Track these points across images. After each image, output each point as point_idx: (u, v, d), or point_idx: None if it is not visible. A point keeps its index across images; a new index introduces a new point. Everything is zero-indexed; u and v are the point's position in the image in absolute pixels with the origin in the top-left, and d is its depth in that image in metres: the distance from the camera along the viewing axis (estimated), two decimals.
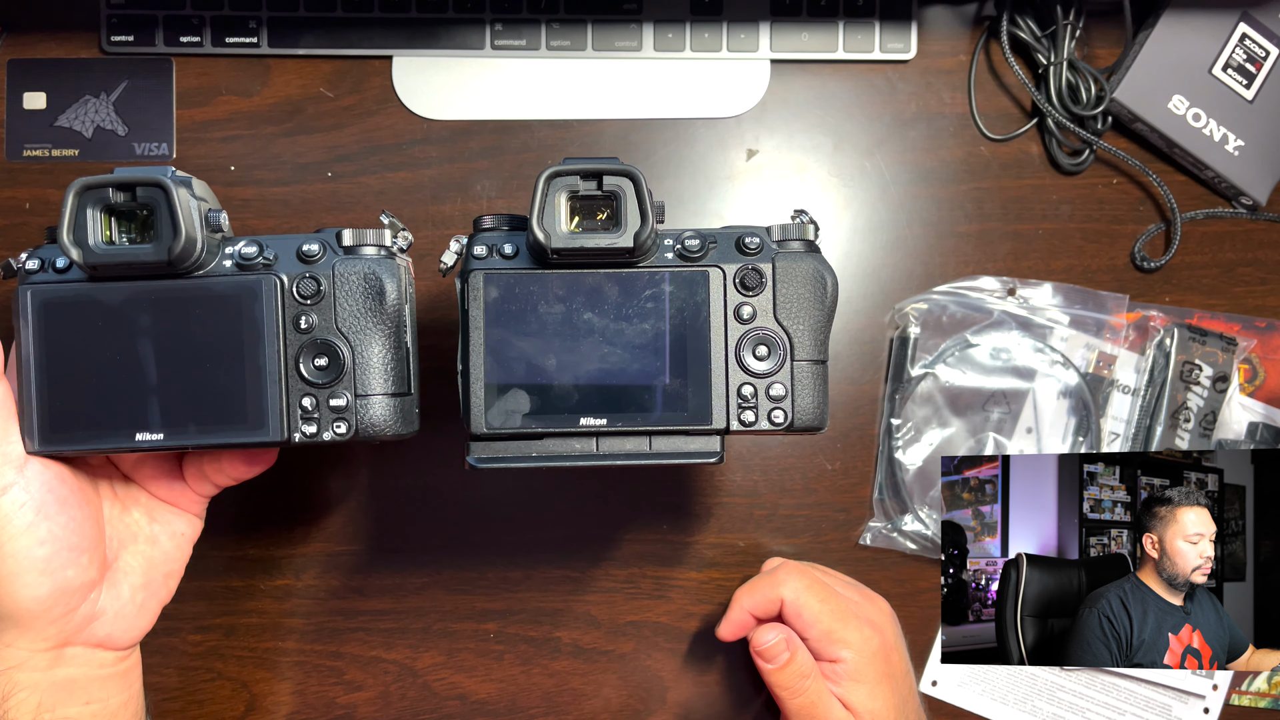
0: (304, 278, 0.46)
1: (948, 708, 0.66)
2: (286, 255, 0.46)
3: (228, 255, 0.46)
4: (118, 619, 0.48)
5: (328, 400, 0.46)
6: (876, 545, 0.65)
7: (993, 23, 0.66)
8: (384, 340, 0.47)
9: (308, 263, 0.46)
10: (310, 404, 0.46)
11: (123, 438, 0.45)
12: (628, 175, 0.45)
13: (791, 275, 0.47)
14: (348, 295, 0.46)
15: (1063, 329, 0.65)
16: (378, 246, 0.47)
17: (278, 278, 0.46)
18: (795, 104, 0.66)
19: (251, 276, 0.46)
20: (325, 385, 0.46)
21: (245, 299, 0.46)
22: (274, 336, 0.46)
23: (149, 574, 0.50)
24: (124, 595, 0.49)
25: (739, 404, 0.47)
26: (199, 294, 0.46)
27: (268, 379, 0.46)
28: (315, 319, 0.46)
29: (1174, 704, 0.66)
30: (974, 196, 0.66)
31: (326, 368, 0.46)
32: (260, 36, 0.64)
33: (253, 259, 0.46)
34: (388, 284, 0.47)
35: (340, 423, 0.47)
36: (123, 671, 0.50)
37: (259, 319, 0.46)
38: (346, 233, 0.47)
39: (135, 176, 0.44)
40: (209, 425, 0.46)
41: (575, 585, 0.65)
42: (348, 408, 0.47)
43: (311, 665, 0.65)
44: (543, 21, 0.65)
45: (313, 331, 0.46)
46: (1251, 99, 0.65)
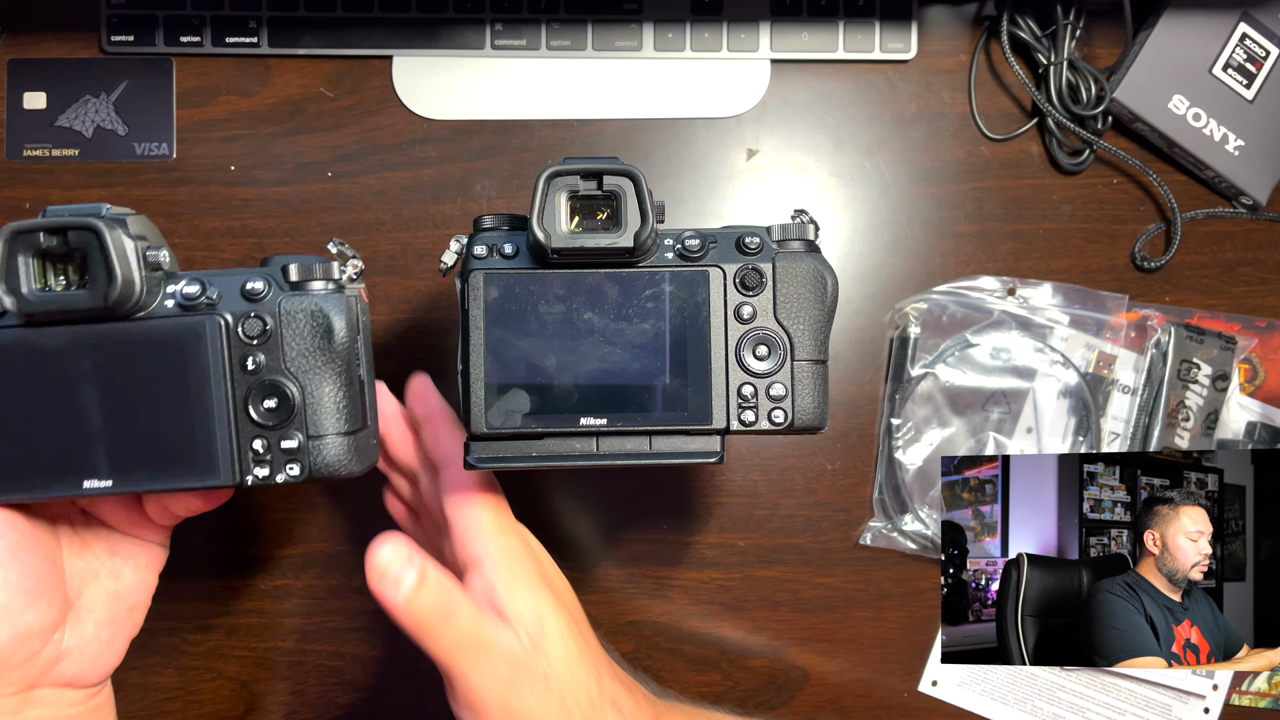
0: (249, 317, 0.44)
1: (948, 708, 0.66)
2: (230, 294, 0.45)
3: (169, 295, 0.44)
4: (84, 657, 0.47)
5: (279, 442, 0.45)
6: (876, 545, 0.65)
7: (993, 23, 0.66)
8: (335, 378, 0.46)
9: (252, 301, 0.45)
10: (261, 446, 0.45)
11: (70, 486, 0.44)
12: (628, 175, 0.45)
13: (791, 275, 0.47)
14: (295, 334, 0.45)
15: (1063, 329, 0.65)
16: (325, 280, 0.46)
17: (222, 318, 0.44)
18: (795, 104, 0.66)
19: (194, 318, 0.44)
20: (276, 427, 0.45)
21: (189, 341, 0.44)
22: (220, 379, 0.44)
23: (113, 609, 0.48)
24: (89, 633, 0.47)
25: (739, 404, 0.47)
26: (141, 337, 0.44)
27: (216, 422, 0.44)
28: (262, 359, 0.45)
29: (1174, 704, 0.66)
30: (974, 196, 0.66)
31: (276, 409, 0.45)
32: (260, 36, 0.64)
33: (195, 299, 0.44)
34: (335, 321, 0.45)
35: (293, 464, 0.45)
36: (94, 708, 0.48)
37: (204, 361, 0.44)
38: (292, 267, 0.45)
39: (65, 220, 0.42)
40: (158, 470, 0.44)
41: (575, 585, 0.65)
42: (300, 449, 0.45)
43: (311, 665, 0.65)
44: (543, 21, 0.65)
45: (260, 372, 0.45)
46: (1251, 99, 0.65)
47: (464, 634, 0.45)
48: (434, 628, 0.44)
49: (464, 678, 0.45)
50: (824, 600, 0.65)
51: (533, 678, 0.46)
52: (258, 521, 0.65)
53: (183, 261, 0.64)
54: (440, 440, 0.50)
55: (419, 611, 0.44)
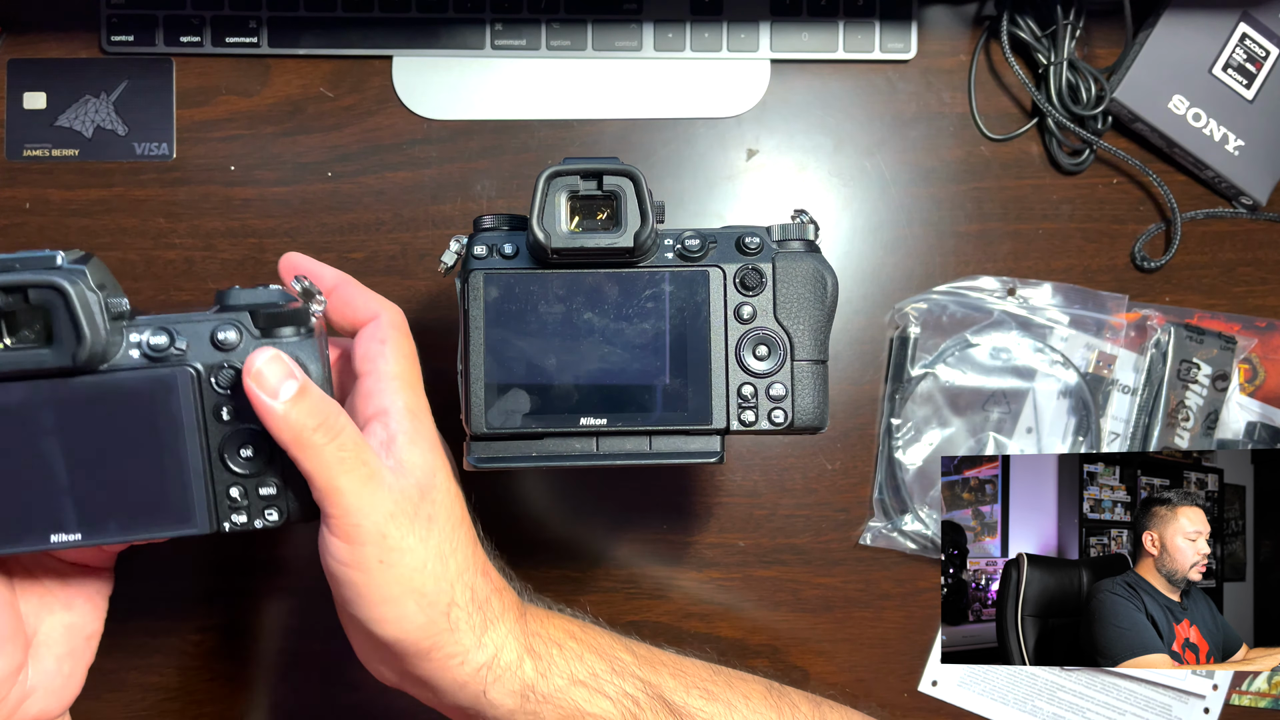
0: (222, 368, 0.43)
1: (948, 708, 0.66)
2: (199, 342, 0.43)
3: (133, 344, 0.42)
4: (48, 693, 0.46)
5: (256, 489, 0.44)
6: (876, 545, 0.65)
7: (993, 23, 0.66)
8: None
9: (224, 350, 0.43)
10: (239, 493, 0.44)
11: (37, 539, 0.42)
12: (628, 175, 0.45)
13: (791, 275, 0.47)
14: None
15: (1063, 329, 0.65)
16: (295, 327, 0.44)
17: (193, 369, 0.43)
18: (795, 104, 0.66)
19: (165, 370, 0.42)
20: (253, 475, 0.44)
21: (159, 393, 0.42)
22: (194, 429, 0.43)
23: (71, 641, 0.47)
24: (50, 668, 0.46)
25: (739, 404, 0.47)
26: (107, 390, 0.42)
27: (190, 472, 0.43)
28: (235, 408, 0.43)
29: (1174, 704, 0.66)
30: (974, 196, 0.66)
31: (253, 457, 0.44)
32: (260, 36, 0.64)
33: (163, 350, 0.42)
34: (311, 369, 0.44)
35: (271, 510, 0.44)
36: None
37: (176, 413, 0.43)
38: (261, 315, 0.43)
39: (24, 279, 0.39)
40: (130, 521, 0.43)
41: (575, 585, 0.65)
42: (279, 494, 0.44)
43: (311, 665, 0.65)
44: (543, 21, 0.65)
45: (234, 421, 0.43)
46: (1251, 99, 0.65)
47: (347, 453, 0.42)
48: (314, 438, 0.41)
49: (343, 498, 0.42)
50: (824, 600, 0.66)
51: (416, 517, 0.44)
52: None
53: (182, 262, 0.64)
54: (352, 302, 0.47)
55: (299, 419, 0.41)
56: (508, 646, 0.46)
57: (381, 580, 0.43)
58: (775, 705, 0.52)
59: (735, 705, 0.50)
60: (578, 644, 0.48)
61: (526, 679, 0.46)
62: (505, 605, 0.47)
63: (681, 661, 0.51)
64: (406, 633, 0.44)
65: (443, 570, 0.44)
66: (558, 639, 0.48)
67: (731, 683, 0.52)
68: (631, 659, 0.49)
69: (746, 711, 0.51)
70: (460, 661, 0.45)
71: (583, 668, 0.47)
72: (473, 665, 0.45)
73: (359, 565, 0.43)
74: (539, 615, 0.49)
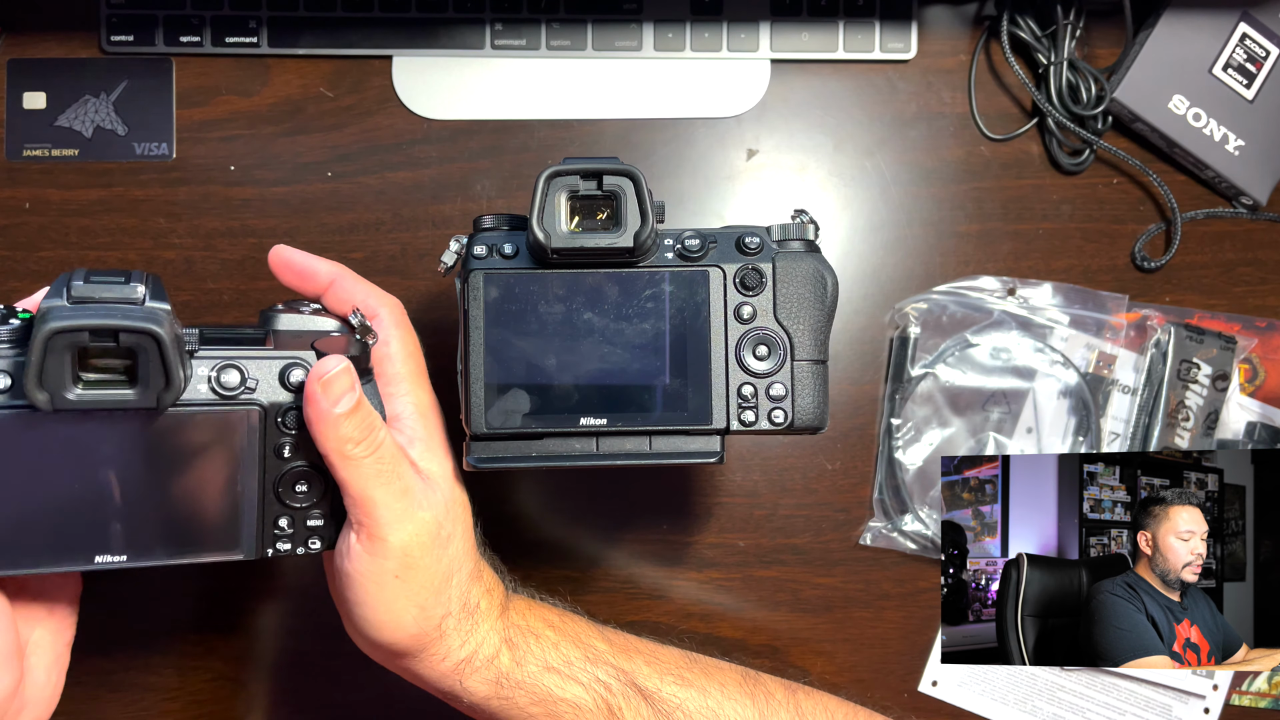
0: (289, 409, 0.44)
1: (948, 708, 0.66)
2: (268, 381, 0.44)
3: (201, 378, 0.43)
4: (38, 702, 0.46)
5: (304, 520, 0.45)
6: (876, 545, 0.65)
7: (993, 23, 0.66)
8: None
9: (292, 391, 0.44)
10: (287, 523, 0.45)
11: (80, 560, 0.43)
12: (628, 175, 0.45)
13: (791, 275, 0.47)
14: None
15: (1063, 329, 0.65)
16: (365, 372, 0.45)
17: (261, 409, 0.43)
18: (795, 104, 0.66)
19: (236, 409, 0.43)
20: (304, 507, 0.45)
21: (225, 431, 0.43)
22: (254, 466, 0.44)
23: (55, 647, 0.47)
24: (40, 678, 0.46)
25: (739, 404, 0.47)
26: (177, 425, 0.42)
27: (244, 503, 0.44)
28: (296, 446, 0.44)
29: (1174, 704, 0.66)
30: (974, 196, 0.66)
31: (308, 492, 0.45)
32: (260, 36, 0.64)
33: (234, 389, 0.43)
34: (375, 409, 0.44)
35: (315, 540, 0.46)
36: None
37: (239, 450, 0.44)
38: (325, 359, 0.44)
39: (121, 325, 0.38)
40: (177, 546, 0.44)
41: (575, 585, 0.65)
42: (324, 525, 0.46)
43: (311, 665, 0.65)
44: (543, 21, 0.65)
45: (294, 458, 0.45)
46: (1251, 99, 0.65)
47: (385, 465, 0.43)
48: (356, 450, 0.43)
49: (376, 509, 0.43)
50: (824, 600, 0.65)
51: (438, 539, 0.45)
52: None
53: (182, 262, 0.64)
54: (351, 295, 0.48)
55: (346, 432, 0.42)
56: (488, 642, 0.48)
57: (391, 593, 0.45)
58: (750, 692, 0.52)
59: (709, 691, 0.51)
60: (555, 633, 0.50)
61: (502, 669, 0.48)
62: (492, 604, 0.48)
63: (657, 650, 0.53)
64: (398, 640, 0.46)
65: (445, 587, 0.46)
66: (535, 629, 0.49)
67: (707, 670, 0.53)
68: (607, 647, 0.50)
69: (721, 697, 0.51)
70: (442, 659, 0.47)
71: (557, 655, 0.49)
72: (453, 661, 0.47)
73: (375, 576, 0.44)
74: (521, 606, 0.50)
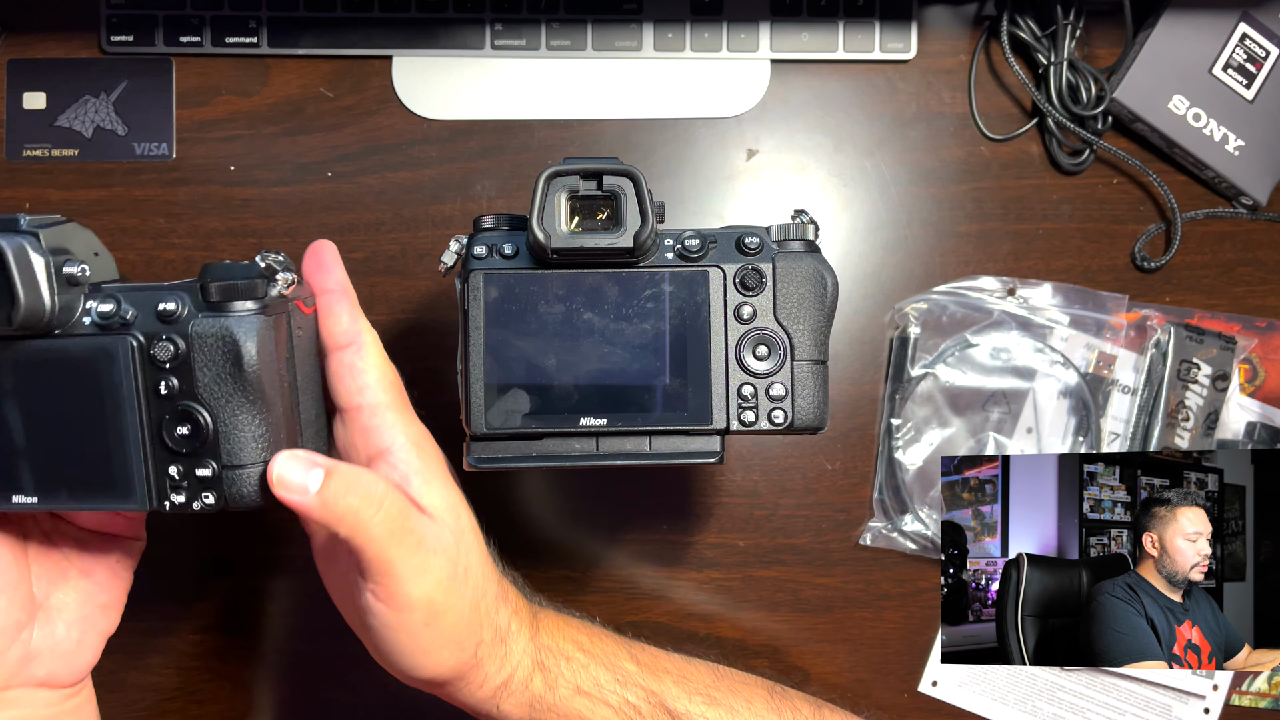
0: (160, 339, 0.42)
1: (948, 708, 0.66)
2: (146, 313, 0.42)
3: (88, 311, 0.42)
4: (56, 657, 0.46)
5: (193, 470, 0.43)
6: (876, 545, 0.65)
7: (993, 23, 0.66)
8: (250, 407, 0.42)
9: (166, 322, 0.42)
10: (177, 473, 0.43)
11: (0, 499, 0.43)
12: (628, 175, 0.45)
13: (791, 275, 0.47)
14: (205, 360, 0.42)
15: (1063, 329, 0.65)
16: (248, 299, 0.42)
17: (134, 339, 0.42)
18: (795, 104, 0.66)
19: (108, 338, 0.42)
20: (190, 455, 0.42)
21: (102, 363, 0.42)
22: (134, 403, 0.42)
23: (85, 607, 0.47)
24: (59, 633, 0.46)
25: (739, 404, 0.47)
26: (57, 356, 0.42)
27: (131, 446, 0.42)
28: (175, 384, 0.42)
29: (1174, 704, 0.66)
30: (974, 196, 0.66)
31: (189, 436, 0.42)
32: (260, 36, 0.64)
33: (110, 317, 0.42)
34: (246, 346, 0.41)
35: (208, 493, 0.43)
36: (73, 708, 0.48)
37: (117, 384, 0.42)
38: (212, 286, 0.42)
39: None
40: (79, 491, 0.43)
41: (575, 585, 0.65)
42: (215, 478, 0.43)
43: (311, 665, 0.65)
44: (543, 21, 0.65)
45: (173, 398, 0.42)
46: (1251, 99, 0.65)
47: (395, 521, 0.41)
48: (360, 516, 0.41)
49: (395, 568, 0.41)
50: (824, 600, 0.65)
51: (456, 574, 0.44)
52: (257, 521, 0.65)
53: (182, 262, 0.64)
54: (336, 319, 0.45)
55: (335, 501, 0.40)
56: (522, 665, 0.48)
57: (425, 640, 0.44)
58: (777, 709, 0.53)
59: (737, 710, 0.52)
60: (585, 655, 0.50)
61: (535, 692, 0.48)
62: (521, 624, 0.49)
63: (686, 667, 0.53)
64: (439, 674, 0.46)
65: (474, 617, 0.46)
66: (566, 651, 0.50)
67: (734, 687, 0.53)
68: (636, 668, 0.51)
69: (748, 715, 0.52)
70: (481, 685, 0.47)
71: (587, 678, 0.49)
72: (491, 686, 0.48)
73: (405, 629, 0.43)
74: (550, 626, 0.51)
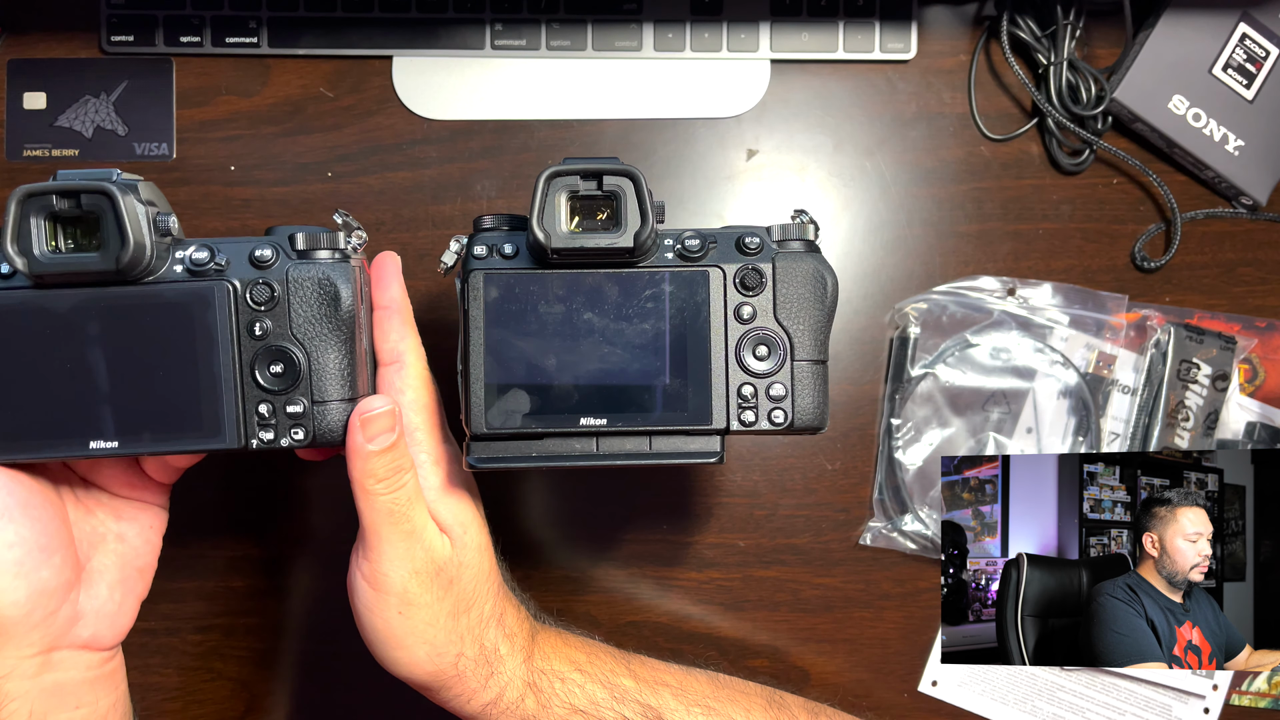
0: (257, 284, 0.45)
1: (948, 708, 0.66)
2: (239, 260, 0.45)
3: (178, 260, 0.45)
4: (99, 618, 0.48)
5: (284, 406, 0.46)
6: (876, 545, 0.65)
7: (993, 23, 0.66)
8: (339, 346, 0.46)
9: (260, 268, 0.45)
10: (267, 410, 0.46)
11: (76, 446, 0.45)
12: (628, 175, 0.45)
13: (791, 275, 0.47)
14: (302, 301, 0.46)
15: (1063, 329, 0.65)
16: (332, 250, 0.47)
17: (230, 284, 0.45)
18: (795, 104, 0.66)
19: (203, 283, 0.45)
20: (281, 392, 0.46)
21: (197, 306, 0.45)
22: (228, 344, 0.45)
23: (124, 571, 0.50)
24: (102, 594, 0.49)
25: (739, 404, 0.47)
26: (150, 301, 0.45)
27: (223, 386, 0.45)
28: (269, 325, 0.46)
29: (1174, 704, 0.66)
30: (974, 196, 0.66)
31: (282, 374, 0.46)
32: (260, 36, 0.64)
33: (204, 264, 0.45)
34: (342, 289, 0.46)
35: (298, 429, 0.46)
36: (109, 673, 0.50)
37: (212, 326, 0.45)
38: (299, 235, 0.46)
39: (79, 184, 0.42)
40: (164, 433, 0.45)
41: (575, 585, 0.65)
42: (305, 414, 0.46)
43: (311, 665, 0.65)
44: (543, 21, 0.65)
45: (267, 338, 0.46)
46: (1251, 99, 0.65)
47: (399, 506, 0.46)
48: (377, 488, 0.45)
49: (379, 546, 0.46)
50: (824, 600, 0.66)
51: (439, 577, 0.48)
52: (257, 521, 0.65)
53: None
54: (386, 334, 0.49)
55: (373, 468, 0.45)
56: (512, 686, 0.50)
57: (398, 628, 0.47)
58: (775, 716, 0.54)
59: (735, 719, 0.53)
60: (581, 674, 0.52)
61: (528, 712, 0.50)
62: (514, 648, 0.51)
63: (685, 678, 0.54)
64: (415, 675, 0.49)
65: (454, 626, 0.48)
66: (561, 672, 0.51)
67: (733, 697, 0.54)
68: (634, 684, 0.52)
69: None
70: (467, 700, 0.50)
71: (583, 697, 0.51)
72: (479, 703, 0.50)
73: (380, 612, 0.47)
74: (547, 648, 0.52)
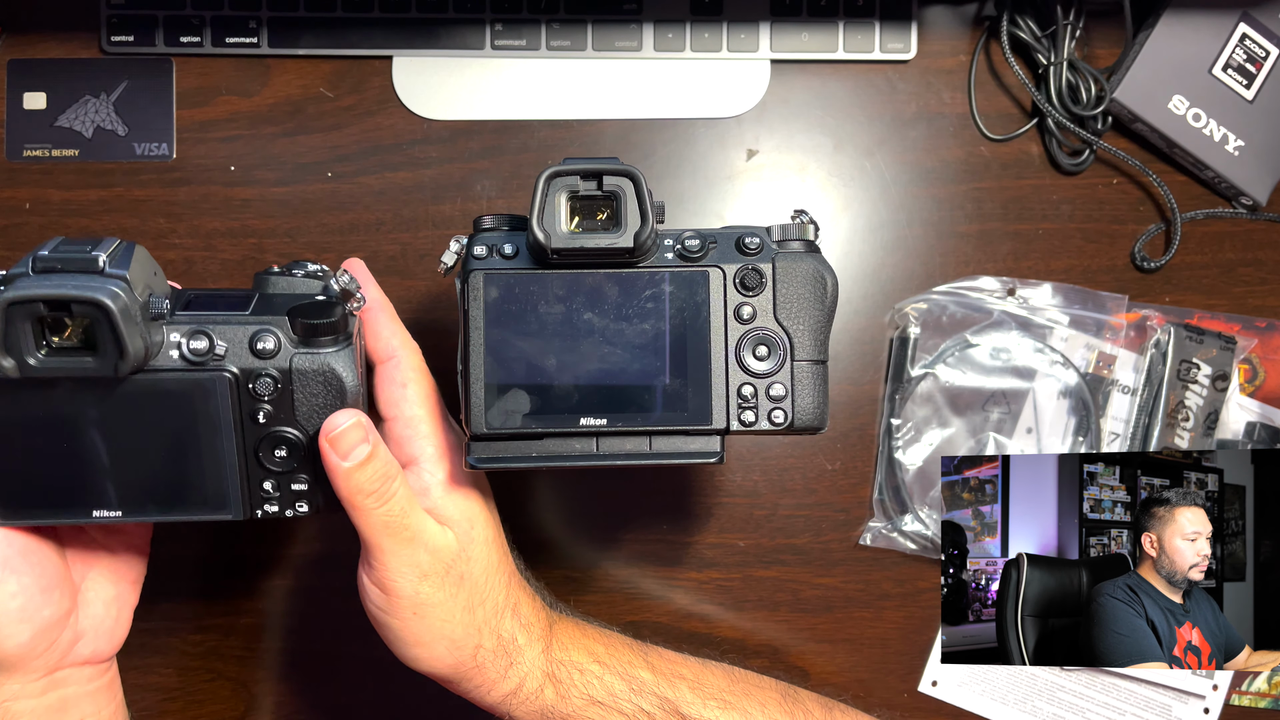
0: (260, 376, 0.45)
1: (948, 708, 0.66)
2: (237, 347, 0.44)
3: (173, 344, 0.44)
4: (98, 635, 0.49)
5: (288, 484, 0.46)
6: (876, 545, 0.65)
7: (993, 23, 0.66)
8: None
9: (262, 359, 0.44)
10: (271, 486, 0.47)
11: (79, 514, 0.45)
12: (628, 175, 0.45)
13: (791, 275, 0.47)
14: (306, 393, 0.45)
15: (1062, 329, 0.65)
16: (334, 336, 0.45)
17: (230, 373, 0.44)
18: (795, 104, 0.66)
19: (204, 374, 0.44)
20: (285, 472, 0.46)
21: (198, 397, 0.44)
22: (230, 431, 0.45)
23: (117, 586, 0.51)
24: (99, 611, 0.49)
25: (739, 404, 0.47)
26: (148, 390, 0.44)
27: (226, 468, 0.45)
28: (272, 411, 0.45)
29: (1174, 704, 0.66)
30: (974, 196, 0.66)
31: (287, 457, 0.46)
32: (260, 36, 0.64)
33: (203, 355, 0.44)
34: (347, 379, 0.45)
35: (302, 503, 0.47)
36: (108, 682, 0.51)
37: (214, 415, 0.45)
38: (300, 325, 0.45)
39: (69, 294, 0.39)
40: (168, 504, 0.46)
41: (575, 585, 0.65)
42: (309, 490, 0.47)
43: (311, 665, 0.65)
44: (543, 21, 0.65)
45: (270, 424, 0.45)
46: (1251, 99, 0.65)
47: (394, 517, 0.46)
48: (367, 502, 0.45)
49: (383, 556, 0.46)
50: (824, 600, 0.66)
51: (449, 575, 0.48)
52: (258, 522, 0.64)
53: (182, 262, 0.64)
54: (378, 334, 0.49)
55: (358, 483, 0.45)
56: (531, 676, 0.51)
57: (415, 628, 0.48)
58: (790, 711, 0.54)
59: (751, 713, 0.53)
60: (599, 665, 0.52)
61: (547, 702, 0.51)
62: (532, 638, 0.51)
63: (702, 671, 0.54)
64: (437, 670, 0.50)
65: (470, 619, 0.49)
66: (580, 663, 0.52)
67: (749, 690, 0.54)
68: (651, 676, 0.53)
69: (761, 718, 0.53)
70: (488, 690, 0.51)
71: (601, 688, 0.51)
72: (499, 693, 0.51)
73: (395, 614, 0.48)
74: (565, 638, 0.53)
